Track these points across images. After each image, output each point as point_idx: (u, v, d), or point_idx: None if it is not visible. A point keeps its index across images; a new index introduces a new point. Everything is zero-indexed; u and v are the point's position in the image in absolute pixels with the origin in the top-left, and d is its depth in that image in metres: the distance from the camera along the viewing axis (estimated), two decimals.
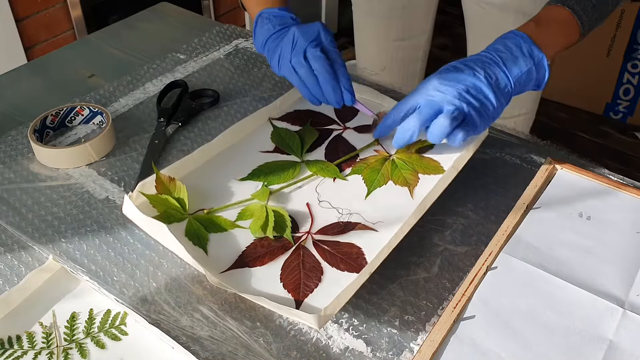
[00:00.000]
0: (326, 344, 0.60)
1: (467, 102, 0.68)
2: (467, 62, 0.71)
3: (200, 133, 0.86)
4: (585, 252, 0.67)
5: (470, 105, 0.68)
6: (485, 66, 0.70)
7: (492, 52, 0.71)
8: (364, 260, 0.66)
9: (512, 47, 0.71)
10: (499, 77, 0.70)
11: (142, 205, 0.69)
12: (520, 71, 0.71)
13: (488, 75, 0.69)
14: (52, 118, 0.84)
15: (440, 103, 0.68)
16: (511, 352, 0.58)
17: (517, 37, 0.72)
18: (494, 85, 0.69)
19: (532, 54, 0.71)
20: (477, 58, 0.71)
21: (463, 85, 0.69)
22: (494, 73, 0.70)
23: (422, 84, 0.71)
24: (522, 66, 0.71)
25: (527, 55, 0.71)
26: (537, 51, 0.71)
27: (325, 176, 0.77)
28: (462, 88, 0.68)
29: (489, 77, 0.69)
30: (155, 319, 0.61)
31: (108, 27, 1.13)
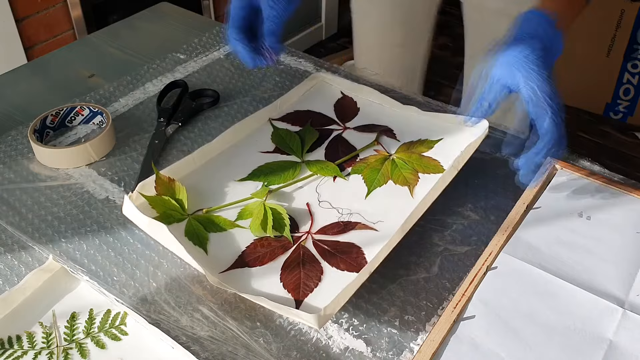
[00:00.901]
0: (326, 344, 0.60)
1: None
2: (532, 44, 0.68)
3: (200, 133, 0.86)
4: (585, 252, 0.67)
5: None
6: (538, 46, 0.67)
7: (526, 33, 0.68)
8: (364, 259, 0.66)
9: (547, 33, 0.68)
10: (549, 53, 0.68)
11: (142, 205, 0.69)
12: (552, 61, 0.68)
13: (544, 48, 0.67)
14: (52, 118, 0.84)
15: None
16: (511, 352, 0.58)
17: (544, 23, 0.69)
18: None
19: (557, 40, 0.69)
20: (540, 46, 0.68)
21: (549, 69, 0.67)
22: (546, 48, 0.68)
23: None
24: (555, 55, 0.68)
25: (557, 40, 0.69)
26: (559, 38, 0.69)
27: (326, 175, 0.77)
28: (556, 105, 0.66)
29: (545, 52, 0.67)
30: (155, 319, 0.61)
31: (108, 27, 1.13)
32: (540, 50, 0.67)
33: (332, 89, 0.93)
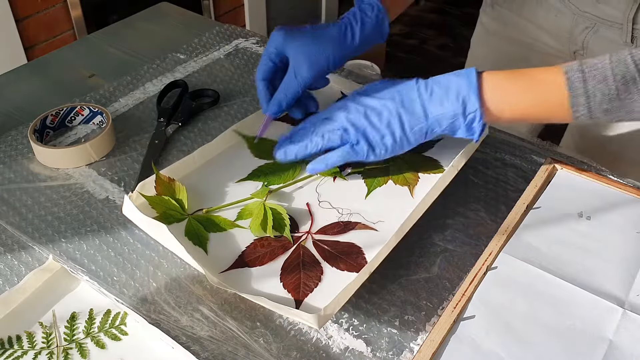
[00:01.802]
0: (326, 344, 0.60)
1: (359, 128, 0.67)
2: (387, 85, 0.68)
3: (200, 133, 0.86)
4: (585, 252, 0.67)
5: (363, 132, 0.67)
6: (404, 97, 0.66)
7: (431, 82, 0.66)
8: (364, 259, 0.66)
9: (451, 86, 0.64)
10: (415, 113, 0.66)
11: (142, 205, 0.69)
12: (442, 113, 0.65)
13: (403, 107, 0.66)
14: (52, 118, 0.84)
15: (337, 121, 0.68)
16: (511, 352, 0.58)
17: (464, 79, 0.64)
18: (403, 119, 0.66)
19: (465, 103, 0.64)
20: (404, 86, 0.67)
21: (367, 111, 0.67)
22: (411, 107, 0.66)
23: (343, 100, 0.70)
24: (447, 109, 0.64)
25: (460, 101, 0.64)
26: (473, 102, 0.63)
27: (326, 175, 0.77)
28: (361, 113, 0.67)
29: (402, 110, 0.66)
30: (155, 319, 0.61)
31: (108, 27, 1.13)
32: None
33: (332, 89, 0.93)
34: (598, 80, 0.60)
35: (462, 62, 1.16)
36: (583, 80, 0.61)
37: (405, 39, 2.90)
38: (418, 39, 2.90)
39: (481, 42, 1.10)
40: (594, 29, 0.88)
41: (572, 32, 0.91)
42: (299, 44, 0.74)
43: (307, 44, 0.74)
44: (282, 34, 0.75)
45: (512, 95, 0.64)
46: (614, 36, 0.86)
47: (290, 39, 0.74)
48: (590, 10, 0.87)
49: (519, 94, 0.64)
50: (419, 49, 2.80)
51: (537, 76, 0.64)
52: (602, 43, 0.88)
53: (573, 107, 0.62)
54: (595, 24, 0.88)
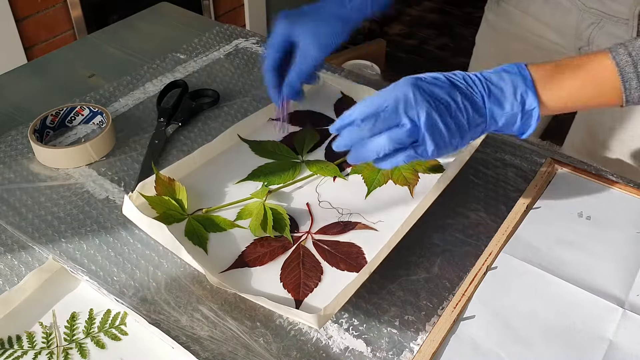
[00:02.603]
0: (326, 344, 0.60)
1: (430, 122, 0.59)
2: (452, 77, 0.62)
3: (200, 133, 0.86)
4: (585, 252, 0.67)
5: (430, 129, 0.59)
6: (468, 89, 0.61)
7: (483, 79, 0.62)
8: (364, 259, 0.66)
9: (505, 83, 0.62)
10: (478, 108, 0.61)
11: (142, 205, 0.69)
12: (502, 111, 0.62)
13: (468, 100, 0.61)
14: (52, 118, 0.84)
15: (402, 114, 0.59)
16: (511, 352, 0.58)
17: (517, 76, 0.62)
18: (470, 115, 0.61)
19: (524, 100, 0.62)
20: (464, 78, 0.62)
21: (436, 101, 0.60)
22: (474, 102, 0.61)
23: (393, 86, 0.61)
24: (507, 108, 0.62)
25: (518, 99, 0.62)
26: (532, 99, 0.62)
27: (326, 175, 0.77)
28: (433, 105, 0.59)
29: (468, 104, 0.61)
30: (155, 319, 0.61)
31: (108, 27, 1.13)
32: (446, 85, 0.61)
33: (332, 89, 0.93)
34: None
35: (462, 62, 1.16)
36: (633, 64, 0.61)
37: (405, 39, 2.90)
38: (418, 39, 2.90)
39: (486, 39, 1.10)
40: (599, 24, 0.89)
41: (577, 28, 0.91)
42: (305, 27, 0.75)
43: (313, 25, 0.75)
44: (286, 21, 0.75)
45: (564, 87, 0.63)
46: (620, 32, 0.86)
47: (296, 23, 0.75)
48: (597, 7, 0.87)
49: (571, 84, 0.63)
50: (419, 49, 2.80)
51: (585, 65, 0.63)
52: (607, 39, 0.88)
53: (626, 91, 0.62)
54: (601, 19, 0.88)
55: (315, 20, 0.75)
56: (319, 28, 0.74)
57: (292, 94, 0.77)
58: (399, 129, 0.59)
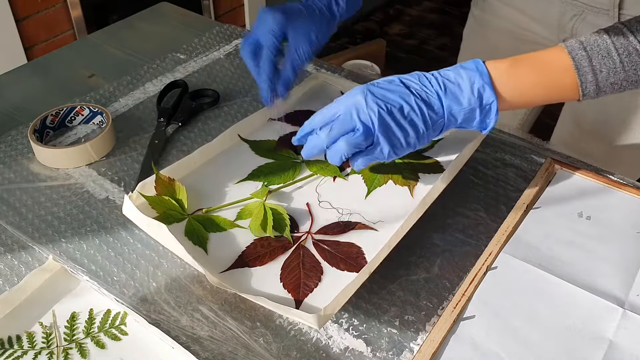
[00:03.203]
0: (326, 344, 0.60)
1: (381, 126, 0.61)
2: (406, 79, 0.64)
3: (200, 133, 0.86)
4: (585, 252, 0.67)
5: (384, 131, 0.61)
6: (423, 90, 0.63)
7: (440, 77, 0.64)
8: (364, 259, 0.66)
9: (462, 79, 0.63)
10: (433, 107, 0.62)
11: (142, 205, 0.69)
12: (459, 108, 0.63)
13: (422, 101, 0.62)
14: (52, 118, 0.84)
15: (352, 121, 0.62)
16: (511, 352, 0.58)
17: (474, 71, 0.63)
18: (425, 115, 0.62)
19: (481, 95, 0.63)
20: (419, 79, 0.64)
21: (388, 104, 0.61)
22: (430, 101, 0.62)
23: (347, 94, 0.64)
24: (464, 104, 0.63)
25: (475, 94, 0.63)
26: (489, 93, 0.63)
27: (326, 175, 0.77)
28: (383, 107, 0.61)
29: (422, 104, 0.62)
30: (155, 319, 0.61)
31: (108, 27, 1.13)
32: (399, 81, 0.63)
33: (332, 89, 0.93)
34: (602, 56, 0.62)
35: None
36: (588, 58, 0.63)
37: (405, 39, 2.90)
38: (418, 39, 2.90)
39: (473, 34, 1.11)
40: (581, 16, 0.90)
41: (560, 20, 0.93)
42: (298, 23, 0.75)
43: (305, 23, 0.75)
44: (280, 14, 0.75)
45: (522, 81, 0.65)
46: (602, 22, 0.88)
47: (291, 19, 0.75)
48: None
49: (528, 78, 0.65)
50: (419, 49, 2.80)
51: (542, 59, 0.65)
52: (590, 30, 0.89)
53: (582, 85, 0.64)
54: (583, 11, 0.90)
55: (306, 15, 0.76)
56: (310, 24, 0.75)
57: (285, 88, 0.76)
58: (354, 133, 0.62)
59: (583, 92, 0.64)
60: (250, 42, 0.76)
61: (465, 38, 1.14)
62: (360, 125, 0.62)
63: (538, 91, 0.66)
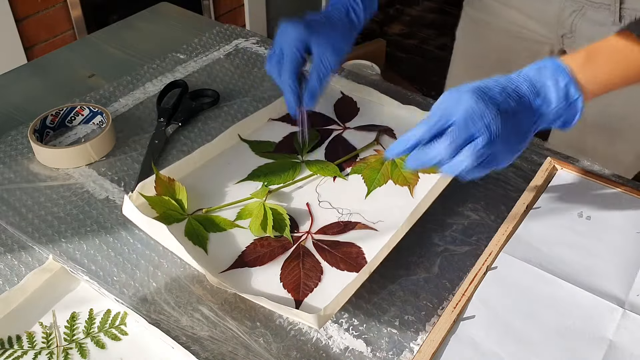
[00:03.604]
0: (326, 344, 0.60)
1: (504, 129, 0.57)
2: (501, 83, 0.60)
3: (200, 133, 0.86)
4: (585, 252, 0.67)
5: (504, 134, 0.58)
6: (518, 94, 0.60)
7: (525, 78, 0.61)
8: (364, 259, 0.66)
9: (547, 79, 0.61)
10: (530, 109, 0.60)
11: (142, 205, 0.69)
12: (549, 108, 0.61)
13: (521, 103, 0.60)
14: (52, 118, 0.84)
15: (478, 125, 0.57)
16: (511, 352, 0.58)
17: (556, 70, 0.62)
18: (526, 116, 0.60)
19: (567, 93, 0.61)
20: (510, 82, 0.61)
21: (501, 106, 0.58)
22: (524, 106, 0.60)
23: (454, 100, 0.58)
24: (553, 104, 0.61)
25: (562, 93, 0.61)
26: (574, 90, 0.61)
27: (326, 175, 0.77)
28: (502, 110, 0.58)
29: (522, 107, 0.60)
30: (155, 319, 0.61)
31: (108, 27, 1.13)
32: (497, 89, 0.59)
33: (332, 89, 0.93)
34: None
35: None
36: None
37: (405, 39, 2.90)
38: (418, 39, 2.90)
39: (467, 34, 1.11)
40: (581, 11, 0.90)
41: (559, 16, 0.92)
42: (321, 34, 0.75)
43: (328, 32, 0.75)
44: (303, 26, 0.74)
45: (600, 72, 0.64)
46: (602, 17, 0.87)
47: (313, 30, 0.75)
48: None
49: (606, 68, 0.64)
50: (419, 49, 2.80)
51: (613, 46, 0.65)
52: (590, 25, 0.89)
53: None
54: (582, 6, 0.89)
55: (328, 25, 0.75)
56: (333, 33, 0.75)
57: (312, 99, 0.75)
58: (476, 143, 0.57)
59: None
60: (273, 56, 0.76)
61: (459, 38, 1.14)
62: (484, 131, 0.57)
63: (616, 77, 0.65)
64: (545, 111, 0.61)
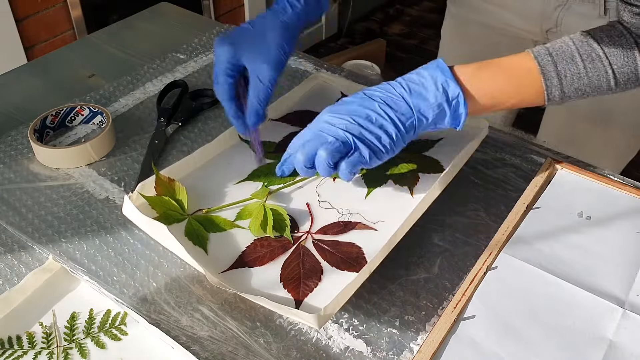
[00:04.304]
0: (326, 344, 0.60)
1: (353, 134, 0.63)
2: (369, 91, 0.66)
3: (200, 133, 0.86)
4: (585, 252, 0.67)
5: (358, 137, 0.63)
6: (387, 96, 0.65)
7: (403, 80, 0.66)
8: (364, 259, 0.66)
9: (425, 78, 0.65)
10: (400, 109, 0.65)
11: (142, 205, 0.69)
12: (427, 104, 0.65)
13: (387, 105, 0.65)
14: (52, 118, 0.84)
15: (324, 136, 0.64)
16: (511, 352, 0.58)
17: (435, 69, 0.66)
18: (393, 117, 0.64)
19: (445, 90, 0.65)
20: (383, 87, 0.66)
21: (353, 116, 0.64)
22: (395, 104, 0.65)
23: (316, 118, 0.67)
24: (431, 100, 0.65)
25: (440, 89, 0.65)
26: (453, 87, 0.65)
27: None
28: (349, 119, 0.64)
29: (388, 108, 0.64)
30: (155, 319, 0.61)
31: (108, 27, 1.13)
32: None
33: (332, 89, 0.93)
34: (567, 62, 0.65)
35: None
36: (553, 63, 0.66)
37: (405, 39, 2.90)
38: (418, 39, 2.90)
39: (451, 32, 1.11)
40: (566, 6, 0.90)
41: (544, 11, 0.92)
42: (249, 47, 0.72)
43: (258, 47, 0.71)
44: (228, 45, 0.72)
45: (490, 84, 0.67)
46: (587, 10, 0.87)
47: (240, 48, 0.72)
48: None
49: (497, 82, 0.67)
50: (419, 49, 2.80)
51: (509, 64, 0.68)
52: (575, 19, 0.89)
53: (547, 89, 0.66)
54: (567, 1, 0.89)
55: (257, 36, 0.72)
56: (264, 44, 0.71)
57: (258, 121, 0.73)
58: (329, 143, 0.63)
59: (548, 96, 0.67)
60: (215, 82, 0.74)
61: (443, 36, 1.14)
62: (329, 138, 0.64)
63: (506, 95, 0.68)
64: (422, 108, 0.65)
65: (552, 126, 1.05)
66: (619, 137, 0.98)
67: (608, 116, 0.96)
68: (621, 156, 1.02)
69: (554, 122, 1.04)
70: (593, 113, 0.96)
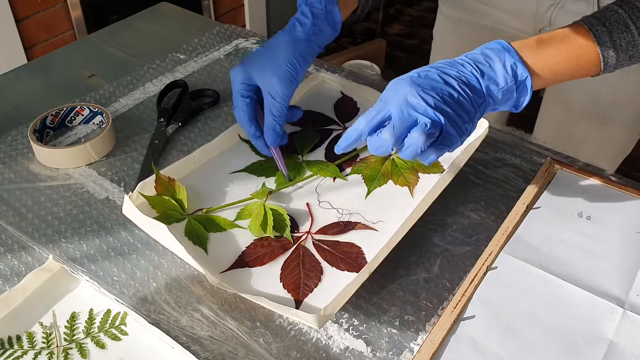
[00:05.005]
0: (326, 344, 0.60)
1: (444, 114, 0.58)
2: (441, 68, 0.62)
3: (200, 133, 0.86)
4: (585, 252, 0.67)
5: (448, 117, 0.59)
6: (462, 74, 0.61)
7: (471, 62, 0.62)
8: (364, 259, 0.66)
9: (493, 60, 0.62)
10: (475, 89, 0.61)
11: (142, 205, 0.69)
12: (497, 87, 0.62)
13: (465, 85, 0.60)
14: (52, 118, 0.84)
15: (414, 115, 0.58)
16: (511, 352, 0.58)
17: (501, 51, 0.63)
18: (472, 98, 0.60)
19: (515, 72, 0.62)
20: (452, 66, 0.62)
21: (440, 94, 0.59)
22: (470, 83, 0.61)
23: (392, 91, 0.60)
24: (501, 83, 0.62)
25: (510, 72, 0.62)
26: (522, 69, 0.62)
27: (326, 176, 0.77)
28: (438, 98, 0.58)
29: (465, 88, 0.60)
30: (155, 319, 0.61)
31: (108, 27, 1.13)
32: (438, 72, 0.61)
33: (332, 89, 0.93)
34: (621, 30, 0.64)
35: None
36: (608, 33, 0.64)
37: (405, 39, 2.90)
38: (418, 39, 2.90)
39: (444, 33, 1.10)
40: (559, 5, 0.90)
41: (537, 11, 0.92)
42: (260, 66, 0.72)
43: (268, 63, 0.72)
44: (239, 68, 0.74)
45: (552, 60, 0.65)
46: (580, 9, 0.87)
47: (250, 67, 0.73)
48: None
49: (557, 55, 0.65)
50: (419, 49, 2.80)
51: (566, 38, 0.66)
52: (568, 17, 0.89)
53: (604, 60, 0.65)
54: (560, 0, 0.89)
55: (267, 55, 0.73)
56: (274, 61, 0.72)
57: (277, 139, 0.74)
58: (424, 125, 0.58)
59: (604, 66, 0.66)
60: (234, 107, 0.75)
61: (436, 37, 1.13)
62: (422, 118, 0.58)
63: (566, 67, 0.66)
64: (492, 91, 0.62)
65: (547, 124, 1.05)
66: (614, 134, 0.98)
67: (603, 114, 0.96)
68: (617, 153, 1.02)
69: (549, 120, 1.04)
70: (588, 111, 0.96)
